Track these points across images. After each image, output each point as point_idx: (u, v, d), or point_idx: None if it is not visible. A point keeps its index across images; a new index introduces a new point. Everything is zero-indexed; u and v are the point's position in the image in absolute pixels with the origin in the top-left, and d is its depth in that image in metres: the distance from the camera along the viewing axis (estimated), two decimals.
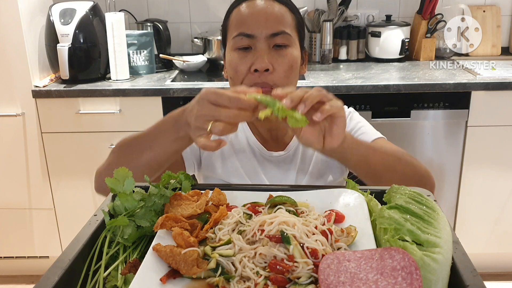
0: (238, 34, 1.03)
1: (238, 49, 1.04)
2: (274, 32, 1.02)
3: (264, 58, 1.00)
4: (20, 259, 2.47)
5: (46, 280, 0.61)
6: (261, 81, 1.01)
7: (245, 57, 1.03)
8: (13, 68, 2.13)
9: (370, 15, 2.64)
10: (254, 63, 1.01)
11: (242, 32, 1.02)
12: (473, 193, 2.26)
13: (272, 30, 1.02)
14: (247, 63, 1.02)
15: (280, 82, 1.02)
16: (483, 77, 2.12)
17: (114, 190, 0.80)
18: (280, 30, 1.02)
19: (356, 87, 2.07)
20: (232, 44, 1.05)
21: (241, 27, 1.03)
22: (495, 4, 2.58)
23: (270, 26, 1.02)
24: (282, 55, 1.03)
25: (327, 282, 0.56)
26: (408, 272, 0.55)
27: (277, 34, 1.02)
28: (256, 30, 1.01)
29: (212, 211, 0.74)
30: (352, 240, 0.67)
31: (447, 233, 0.65)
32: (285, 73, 1.03)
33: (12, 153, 2.24)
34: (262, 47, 1.02)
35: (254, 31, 1.02)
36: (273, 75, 1.02)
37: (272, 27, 1.02)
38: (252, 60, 1.01)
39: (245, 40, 1.02)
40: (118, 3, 2.49)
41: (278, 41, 1.02)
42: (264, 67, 1.00)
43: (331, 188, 0.82)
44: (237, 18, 1.05)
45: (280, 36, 1.02)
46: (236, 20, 1.05)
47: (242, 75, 1.03)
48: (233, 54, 1.05)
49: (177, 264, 0.62)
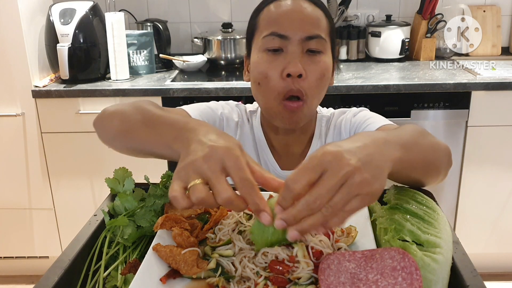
0: (270, 33, 0.94)
1: (268, 50, 0.95)
2: (309, 35, 0.93)
3: (297, 62, 0.92)
4: (20, 259, 2.46)
5: (46, 280, 0.61)
6: (294, 87, 0.93)
7: (276, 60, 0.94)
8: (13, 68, 2.13)
9: (370, 15, 2.64)
10: (287, 67, 0.92)
11: (275, 32, 0.94)
12: (473, 193, 2.25)
13: (308, 33, 0.93)
14: (278, 67, 0.94)
15: (310, 92, 0.95)
16: (483, 77, 2.12)
17: (114, 190, 0.80)
18: (316, 33, 0.94)
19: (356, 87, 2.07)
20: (261, 44, 0.96)
21: (273, 26, 0.94)
22: (495, 4, 2.57)
23: (306, 28, 0.93)
24: (315, 61, 0.95)
25: (327, 282, 0.56)
26: (408, 272, 0.55)
27: (312, 38, 0.94)
28: (290, 31, 0.93)
29: (212, 211, 0.74)
30: (352, 240, 0.67)
31: (447, 233, 0.65)
32: (316, 82, 0.95)
33: (12, 153, 2.24)
34: (295, 50, 0.93)
35: (288, 32, 0.93)
36: (304, 82, 0.94)
37: (308, 30, 0.93)
38: (284, 64, 0.93)
39: (277, 41, 0.94)
40: (118, 3, 2.49)
41: (312, 45, 0.94)
42: (298, 72, 0.92)
43: None
44: (269, 16, 0.96)
45: (315, 40, 0.94)
46: (268, 19, 0.96)
47: (273, 82, 0.94)
48: (262, 55, 0.96)
49: (177, 264, 0.62)
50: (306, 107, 0.97)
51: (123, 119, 0.79)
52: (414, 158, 0.71)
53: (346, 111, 1.13)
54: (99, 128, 0.86)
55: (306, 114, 0.98)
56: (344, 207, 0.54)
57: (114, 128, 0.80)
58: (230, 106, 1.14)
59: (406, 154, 0.66)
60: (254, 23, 1.01)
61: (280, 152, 1.10)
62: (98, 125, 0.86)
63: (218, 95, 2.09)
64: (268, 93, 0.97)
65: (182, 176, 0.58)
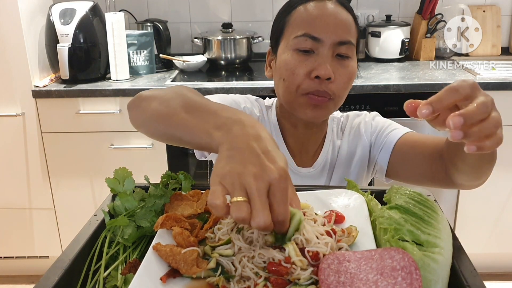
0: (303, 34, 0.96)
1: (299, 50, 0.97)
2: (341, 40, 0.96)
3: (327, 65, 0.94)
4: (20, 259, 2.47)
5: (46, 280, 0.61)
6: (321, 89, 0.96)
7: (306, 61, 0.96)
8: (13, 68, 2.13)
9: (370, 15, 2.64)
10: (317, 69, 0.94)
11: (308, 34, 0.95)
12: (473, 193, 2.25)
13: (340, 38, 0.96)
14: (307, 67, 0.95)
15: (338, 93, 0.98)
16: (483, 77, 2.12)
17: (114, 190, 0.80)
18: (348, 39, 0.96)
19: (356, 87, 2.07)
20: (292, 44, 0.97)
21: (307, 27, 0.96)
22: (495, 4, 2.57)
23: (339, 33, 0.95)
24: (344, 65, 0.97)
25: (327, 282, 0.56)
26: (408, 272, 0.55)
27: (343, 43, 0.96)
28: (324, 34, 0.95)
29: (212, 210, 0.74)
30: (353, 240, 0.67)
31: (447, 233, 0.66)
32: (344, 85, 0.98)
33: (12, 153, 2.24)
34: (326, 53, 0.95)
35: (321, 35, 0.95)
36: (332, 84, 0.96)
37: (341, 35, 0.96)
38: (313, 65, 0.95)
39: (309, 42, 0.95)
40: (118, 3, 2.49)
41: (342, 50, 0.96)
42: (327, 75, 0.94)
43: (331, 188, 0.82)
44: (303, 17, 0.97)
45: (346, 46, 0.96)
46: (302, 19, 0.97)
47: (299, 79, 0.96)
48: (292, 54, 0.97)
49: (177, 264, 0.62)
50: (332, 103, 1.00)
51: (163, 102, 0.74)
52: None
53: (359, 113, 1.16)
54: (135, 110, 0.81)
55: (330, 109, 1.01)
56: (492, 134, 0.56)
57: (153, 110, 0.75)
58: (251, 100, 1.15)
59: None
60: (284, 21, 1.01)
61: (294, 149, 1.11)
62: (134, 107, 0.81)
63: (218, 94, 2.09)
64: (291, 87, 0.98)
65: (227, 183, 0.56)
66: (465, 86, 0.57)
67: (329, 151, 1.11)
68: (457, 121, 0.53)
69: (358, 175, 1.12)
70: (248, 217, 0.55)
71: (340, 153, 1.11)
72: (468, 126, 0.54)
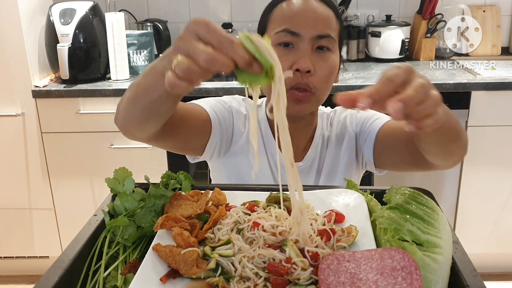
0: (282, 30, 0.98)
1: (279, 44, 0.99)
2: (320, 34, 0.98)
3: (307, 58, 0.97)
4: (20, 259, 2.47)
5: (46, 280, 0.61)
6: (303, 81, 0.97)
7: (287, 55, 0.98)
8: (13, 68, 2.13)
9: (370, 15, 2.64)
10: (297, 62, 0.97)
11: (287, 29, 0.98)
12: (473, 193, 2.25)
13: (319, 32, 0.98)
14: (288, 61, 0.97)
15: (319, 86, 0.99)
16: (483, 77, 2.12)
17: (114, 190, 0.80)
18: (327, 33, 0.98)
19: (356, 87, 2.07)
20: (273, 39, 0.99)
21: (286, 23, 0.99)
22: (495, 4, 2.57)
23: (318, 27, 0.98)
24: (324, 58, 0.99)
25: (327, 282, 0.56)
26: (408, 272, 0.55)
27: (323, 37, 0.98)
28: (303, 28, 0.97)
29: (212, 211, 0.74)
30: (353, 239, 0.67)
31: (447, 233, 0.65)
32: (325, 78, 0.99)
33: (12, 153, 2.24)
34: (306, 47, 0.98)
35: (300, 30, 0.97)
36: (313, 77, 0.98)
37: (319, 29, 0.98)
38: (294, 59, 0.97)
39: (289, 37, 0.98)
40: (118, 3, 2.49)
41: (322, 43, 0.98)
42: (307, 68, 0.96)
43: (331, 188, 0.82)
44: (283, 13, 1.00)
45: (325, 39, 0.98)
46: (282, 16, 1.00)
47: None
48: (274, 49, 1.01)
49: (177, 264, 0.62)
50: (314, 98, 1.01)
51: (126, 92, 0.83)
52: (452, 118, 0.79)
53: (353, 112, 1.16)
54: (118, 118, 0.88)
55: (313, 103, 1.03)
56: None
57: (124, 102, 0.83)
58: (237, 100, 1.17)
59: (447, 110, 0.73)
60: (266, 19, 1.04)
61: None
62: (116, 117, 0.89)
63: (218, 95, 2.08)
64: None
65: (167, 65, 0.61)
66: (399, 74, 0.58)
67: (319, 145, 1.12)
68: (397, 107, 0.54)
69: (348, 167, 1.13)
70: (190, 63, 0.56)
71: (329, 145, 1.13)
72: (409, 108, 0.56)
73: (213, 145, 1.07)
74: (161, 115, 0.84)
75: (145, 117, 0.83)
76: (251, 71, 0.58)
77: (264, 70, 0.59)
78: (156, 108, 0.81)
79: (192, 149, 1.08)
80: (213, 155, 1.10)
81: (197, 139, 1.05)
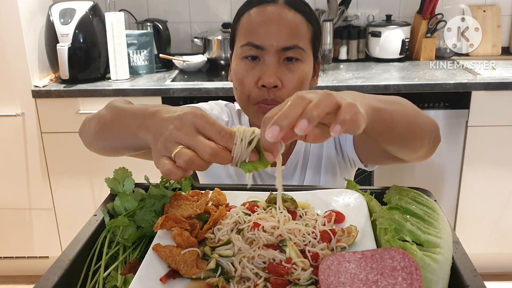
0: (246, 43, 0.96)
1: (245, 57, 0.97)
2: (286, 46, 0.94)
3: (273, 73, 0.94)
4: (19, 259, 2.46)
5: (46, 280, 0.61)
6: (269, 97, 0.95)
7: (253, 69, 0.96)
8: (12, 68, 2.13)
9: (370, 15, 2.64)
10: (262, 78, 0.94)
11: (251, 42, 0.95)
12: (473, 193, 2.25)
13: (284, 44, 0.94)
14: (254, 76, 0.96)
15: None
16: (484, 77, 2.12)
17: (114, 190, 0.80)
18: (293, 44, 0.95)
19: (356, 87, 2.07)
20: (239, 53, 0.98)
21: (250, 36, 0.96)
22: (495, 4, 2.57)
23: (282, 38, 0.94)
24: (292, 70, 0.96)
25: (327, 282, 0.56)
26: (409, 272, 0.55)
27: (289, 49, 0.95)
28: (266, 41, 0.94)
29: (212, 211, 0.74)
30: (353, 239, 0.67)
31: (447, 233, 0.65)
32: (294, 90, 0.95)
33: (12, 153, 2.24)
34: (272, 60, 0.95)
35: (264, 43, 0.94)
36: (281, 91, 0.95)
37: (285, 40, 0.94)
38: (260, 73, 0.95)
39: (254, 50, 0.95)
40: (118, 3, 2.49)
41: (289, 55, 0.95)
42: (273, 84, 0.94)
43: (331, 188, 0.82)
44: (246, 25, 0.97)
45: (292, 50, 0.95)
46: (246, 27, 0.97)
47: (248, 88, 0.97)
48: (239, 63, 0.98)
49: (177, 264, 0.62)
50: None
51: (98, 120, 0.82)
52: (395, 111, 0.72)
53: None
54: (82, 134, 0.90)
55: None
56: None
57: (92, 130, 0.83)
58: (220, 106, 1.17)
59: (385, 106, 0.69)
60: (235, 28, 1.02)
61: None
62: (81, 132, 0.90)
63: (218, 95, 2.09)
64: (243, 96, 1.00)
65: (163, 151, 0.60)
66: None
67: (301, 147, 1.11)
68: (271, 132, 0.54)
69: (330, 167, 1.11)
70: (193, 155, 0.58)
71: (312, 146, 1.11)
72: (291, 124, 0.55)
73: None
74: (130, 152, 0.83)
75: (111, 153, 0.83)
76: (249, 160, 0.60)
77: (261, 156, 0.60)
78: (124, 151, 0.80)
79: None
80: None
81: None
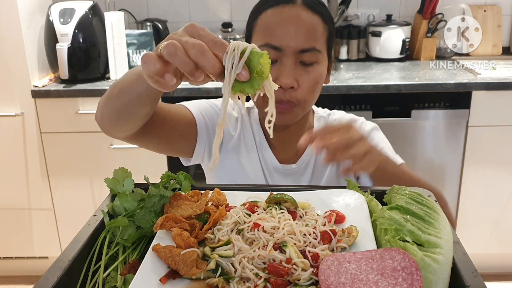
0: (264, 44, 0.95)
1: None
2: (303, 48, 0.95)
3: (290, 74, 0.94)
4: (19, 260, 2.46)
5: (46, 280, 0.60)
6: (285, 98, 0.96)
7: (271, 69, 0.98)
8: (12, 68, 2.13)
9: (371, 15, 2.64)
10: (279, 79, 0.94)
11: (269, 44, 0.95)
12: (473, 193, 2.25)
13: (302, 46, 0.94)
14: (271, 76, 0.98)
15: (303, 99, 0.98)
16: (484, 77, 2.12)
17: (114, 190, 0.80)
18: (311, 46, 0.95)
19: (356, 87, 2.07)
20: None
21: (268, 37, 0.95)
22: (495, 4, 2.57)
23: (300, 40, 0.94)
24: (308, 71, 0.97)
25: (328, 282, 0.56)
26: (409, 273, 0.55)
27: (306, 51, 0.95)
28: (284, 43, 0.94)
29: (212, 211, 0.74)
30: (353, 240, 0.67)
31: (447, 233, 0.65)
32: (309, 90, 0.97)
33: (11, 153, 2.24)
34: (289, 62, 0.95)
35: (282, 44, 0.94)
36: (297, 92, 0.96)
37: (302, 42, 0.94)
38: (277, 74, 0.95)
39: (271, 52, 0.94)
40: (117, 3, 2.49)
41: (306, 58, 0.95)
42: (290, 85, 0.94)
43: (331, 188, 0.82)
44: (265, 26, 0.97)
45: (309, 53, 0.95)
46: (264, 28, 0.97)
47: None
48: None
49: (177, 265, 0.62)
50: (298, 108, 1.00)
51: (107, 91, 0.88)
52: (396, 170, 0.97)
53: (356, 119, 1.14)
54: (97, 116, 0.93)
55: (298, 114, 1.02)
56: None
57: (102, 100, 0.88)
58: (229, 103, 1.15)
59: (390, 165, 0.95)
60: (251, 27, 1.02)
61: (277, 147, 1.11)
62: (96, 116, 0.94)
63: (218, 95, 2.09)
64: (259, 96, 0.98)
65: (154, 51, 0.60)
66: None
67: None
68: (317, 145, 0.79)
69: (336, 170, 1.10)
70: (179, 48, 0.57)
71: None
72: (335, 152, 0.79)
73: (202, 148, 1.06)
74: (139, 116, 0.86)
75: (122, 116, 0.85)
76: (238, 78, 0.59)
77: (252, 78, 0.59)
78: (133, 109, 0.83)
79: (178, 152, 1.08)
80: (203, 159, 1.09)
81: (181, 141, 1.04)
